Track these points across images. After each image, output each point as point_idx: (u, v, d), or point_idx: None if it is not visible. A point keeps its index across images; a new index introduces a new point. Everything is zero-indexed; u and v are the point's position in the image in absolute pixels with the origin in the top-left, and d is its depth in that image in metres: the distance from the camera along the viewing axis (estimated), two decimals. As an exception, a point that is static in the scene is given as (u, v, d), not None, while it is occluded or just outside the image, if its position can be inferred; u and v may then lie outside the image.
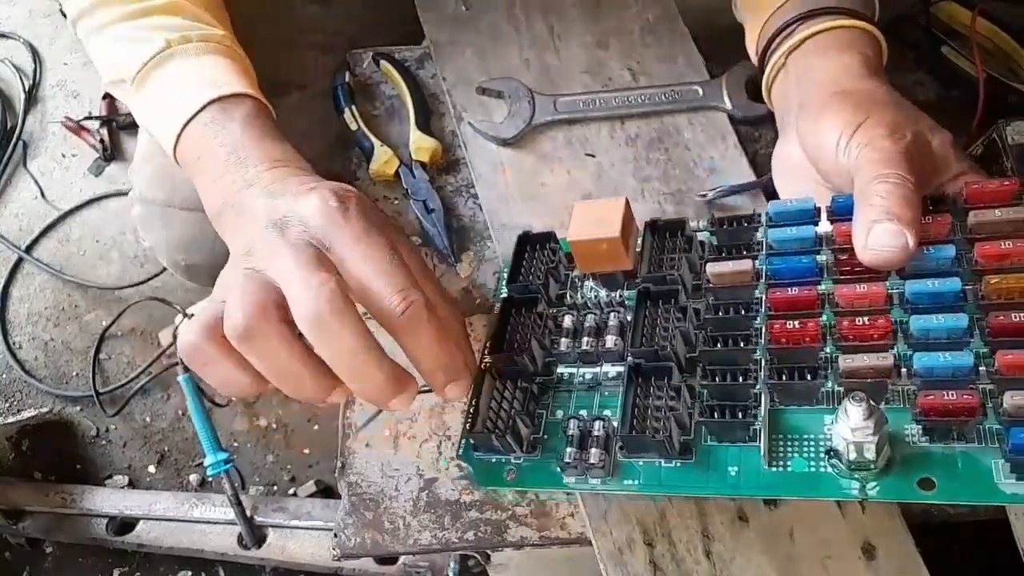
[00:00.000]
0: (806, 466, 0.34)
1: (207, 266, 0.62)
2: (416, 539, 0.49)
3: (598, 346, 0.40)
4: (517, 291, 0.42)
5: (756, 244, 0.41)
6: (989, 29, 0.61)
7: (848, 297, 0.35)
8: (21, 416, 1.15)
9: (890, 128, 0.36)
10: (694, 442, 0.36)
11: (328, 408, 0.42)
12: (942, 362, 0.32)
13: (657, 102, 0.58)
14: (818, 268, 0.37)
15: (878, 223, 0.33)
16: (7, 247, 1.28)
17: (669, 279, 0.39)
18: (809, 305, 0.36)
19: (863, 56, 0.43)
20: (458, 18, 0.63)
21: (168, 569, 1.08)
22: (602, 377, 0.40)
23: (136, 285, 1.21)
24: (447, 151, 0.60)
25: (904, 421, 0.33)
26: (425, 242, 0.57)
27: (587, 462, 0.36)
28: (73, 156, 1.38)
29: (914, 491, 0.32)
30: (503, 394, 0.39)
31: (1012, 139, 0.49)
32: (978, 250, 0.35)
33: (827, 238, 0.39)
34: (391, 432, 0.52)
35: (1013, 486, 0.30)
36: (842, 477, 0.33)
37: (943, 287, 0.33)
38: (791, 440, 0.35)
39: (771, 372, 0.35)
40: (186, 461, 1.14)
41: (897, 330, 0.34)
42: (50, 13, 1.48)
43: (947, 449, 0.32)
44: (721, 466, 0.35)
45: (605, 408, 0.39)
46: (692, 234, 0.42)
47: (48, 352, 1.22)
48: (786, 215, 0.39)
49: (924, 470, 0.32)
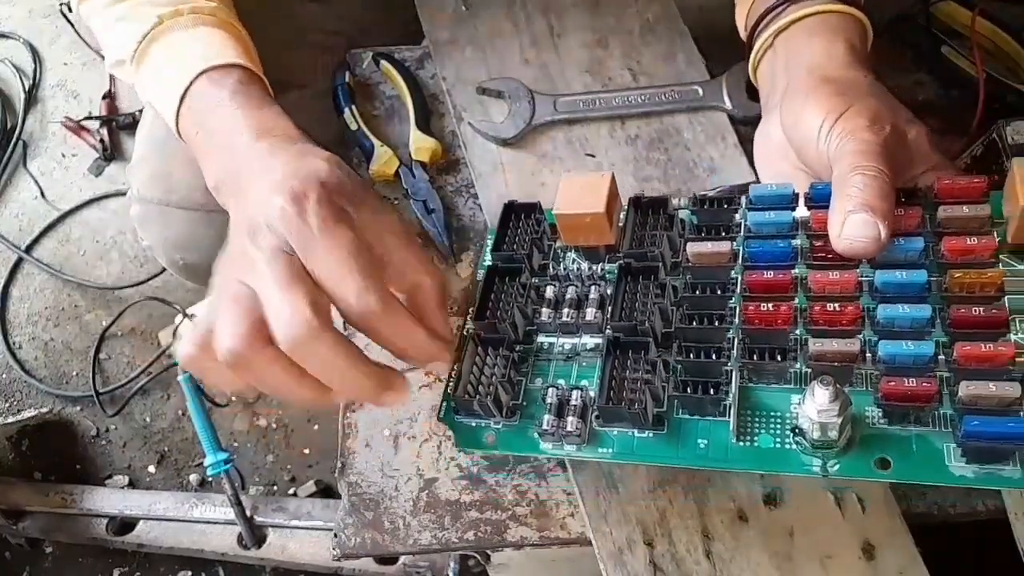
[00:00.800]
0: (772, 442, 0.35)
1: (205, 265, 0.62)
2: (416, 539, 0.49)
3: (578, 318, 0.41)
4: (502, 259, 0.43)
5: (735, 226, 0.41)
6: (989, 29, 0.61)
7: (821, 283, 0.36)
8: (21, 416, 1.16)
9: (871, 119, 0.37)
10: (667, 414, 0.37)
11: (328, 407, 0.43)
12: (904, 350, 0.33)
13: (657, 102, 0.58)
14: (794, 253, 0.38)
15: (853, 213, 0.34)
16: (7, 247, 1.28)
17: (650, 256, 0.40)
18: (783, 288, 0.37)
19: (849, 44, 0.43)
20: (458, 18, 0.63)
21: (168, 569, 1.08)
22: (581, 348, 0.41)
23: (136, 285, 1.21)
24: (447, 151, 0.60)
25: (866, 403, 0.35)
26: (425, 242, 0.57)
27: (564, 430, 0.37)
28: (73, 156, 1.38)
29: (871, 470, 0.34)
30: (485, 360, 0.40)
31: (1012, 139, 0.49)
32: (945, 244, 0.36)
33: (804, 224, 0.39)
34: (391, 432, 0.52)
35: (962, 469, 0.32)
36: (805, 454, 0.35)
37: (910, 278, 0.35)
38: (759, 417, 0.36)
39: (743, 351, 0.37)
40: (186, 461, 1.14)
41: (865, 317, 0.35)
42: (50, 13, 1.48)
43: (904, 431, 0.34)
44: (691, 439, 0.37)
45: (583, 378, 0.40)
46: (674, 212, 0.42)
47: (48, 352, 1.22)
48: (766, 199, 0.40)
49: (882, 450, 0.34)
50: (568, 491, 0.49)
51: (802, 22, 0.45)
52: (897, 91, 0.55)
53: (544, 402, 0.39)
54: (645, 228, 0.42)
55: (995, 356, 0.32)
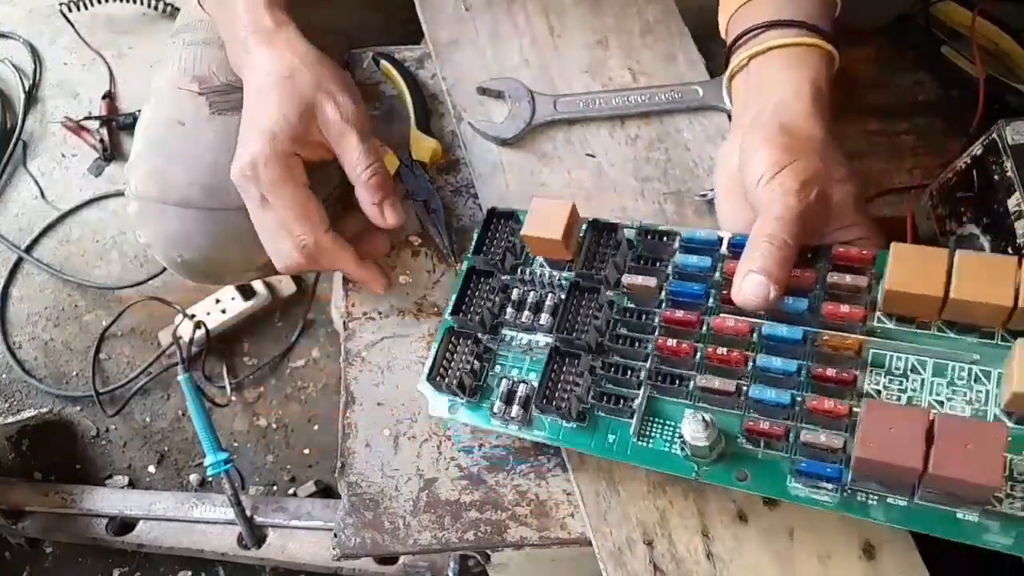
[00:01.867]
0: (663, 445, 0.44)
1: (203, 262, 0.62)
2: (416, 539, 0.49)
3: (534, 320, 0.48)
4: (480, 263, 0.50)
5: (668, 258, 0.48)
6: (989, 29, 0.61)
7: (720, 327, 0.44)
8: (21, 416, 1.15)
9: (803, 182, 0.42)
10: (589, 411, 0.45)
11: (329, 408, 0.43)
12: (768, 396, 0.41)
13: (657, 102, 0.58)
14: (707, 295, 0.46)
15: (753, 274, 0.41)
16: (7, 247, 1.28)
17: (596, 277, 0.47)
18: (691, 326, 0.45)
19: (815, 86, 0.47)
20: (458, 18, 0.63)
21: (168, 569, 1.07)
22: (534, 344, 0.48)
23: (136, 285, 1.21)
24: (447, 151, 0.60)
25: (738, 426, 0.43)
26: (425, 242, 0.57)
27: (509, 415, 0.46)
28: (73, 156, 1.38)
29: (732, 479, 0.42)
30: (456, 347, 0.49)
31: (1012, 139, 0.49)
32: (825, 307, 0.43)
33: (721, 268, 0.46)
34: (391, 432, 0.52)
35: (797, 489, 0.41)
36: (687, 459, 0.43)
37: (790, 334, 0.42)
38: (657, 423, 0.44)
39: (651, 372, 0.45)
40: (186, 461, 1.14)
41: (750, 360, 0.43)
42: (50, 13, 1.48)
43: (763, 455, 0.42)
44: (603, 433, 0.45)
45: (532, 371, 0.48)
46: (623, 239, 0.48)
47: (48, 352, 1.22)
48: (695, 242, 0.47)
49: (742, 466, 0.42)
50: (568, 491, 0.49)
51: (777, 52, 0.49)
52: (897, 91, 0.56)
53: (497, 389, 0.47)
54: (598, 247, 0.49)
55: (834, 411, 0.40)
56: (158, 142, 0.61)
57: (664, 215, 0.55)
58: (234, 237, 0.59)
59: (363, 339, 0.55)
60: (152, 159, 0.61)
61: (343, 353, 0.55)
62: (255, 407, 1.17)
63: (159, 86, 0.62)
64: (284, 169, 0.49)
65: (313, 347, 1.20)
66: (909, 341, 0.42)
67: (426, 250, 0.57)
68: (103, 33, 1.48)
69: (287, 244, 0.51)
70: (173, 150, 0.60)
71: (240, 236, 0.58)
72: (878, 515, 0.39)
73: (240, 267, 0.65)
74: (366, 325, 0.55)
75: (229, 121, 0.60)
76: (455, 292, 0.50)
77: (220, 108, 0.60)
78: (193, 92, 0.60)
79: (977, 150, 0.52)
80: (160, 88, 0.62)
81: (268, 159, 0.49)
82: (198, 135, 0.59)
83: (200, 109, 0.60)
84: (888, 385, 0.42)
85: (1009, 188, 0.49)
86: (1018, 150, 0.49)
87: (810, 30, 0.49)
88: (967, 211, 0.54)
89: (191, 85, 0.60)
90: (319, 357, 1.19)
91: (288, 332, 1.20)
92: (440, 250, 0.57)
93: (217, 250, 0.61)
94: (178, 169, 0.59)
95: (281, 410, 1.16)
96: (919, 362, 0.42)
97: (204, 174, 0.58)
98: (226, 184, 0.52)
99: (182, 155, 0.59)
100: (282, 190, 0.49)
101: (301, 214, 0.50)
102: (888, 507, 0.39)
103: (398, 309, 0.56)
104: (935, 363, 0.41)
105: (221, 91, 0.60)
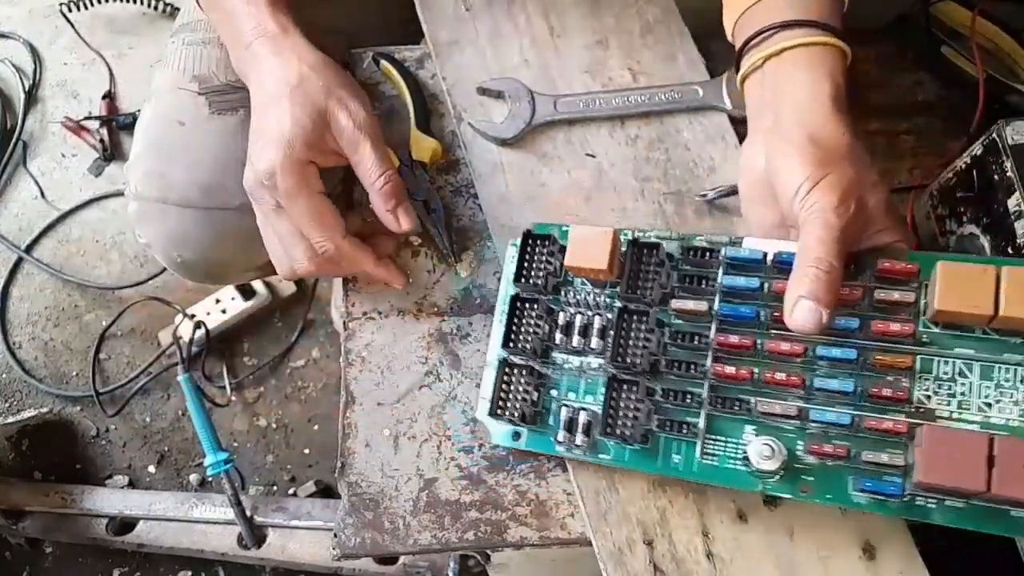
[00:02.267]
0: (728, 462, 0.45)
1: (202, 262, 0.62)
2: (416, 539, 0.49)
3: (585, 344, 0.48)
4: (523, 290, 0.50)
5: (713, 276, 0.48)
6: (989, 29, 0.61)
7: (775, 350, 0.45)
8: (21, 416, 1.15)
9: (841, 197, 0.43)
10: (651, 434, 0.46)
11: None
12: (828, 417, 0.43)
13: (657, 102, 0.58)
14: (757, 316, 0.46)
15: (804, 299, 0.42)
16: (7, 247, 1.28)
17: (643, 300, 0.48)
18: (746, 350, 0.46)
19: (834, 83, 0.47)
20: (458, 18, 0.63)
21: (168, 569, 1.08)
22: (587, 366, 0.49)
23: (136, 285, 1.21)
24: (447, 151, 0.60)
25: (799, 442, 0.44)
26: (425, 242, 0.57)
27: (574, 443, 0.47)
28: (73, 156, 1.38)
29: (797, 493, 0.44)
30: (511, 377, 0.50)
31: (1012, 139, 0.49)
32: (874, 325, 0.44)
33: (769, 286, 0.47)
34: (391, 432, 0.52)
35: (859, 498, 0.43)
36: (751, 475, 0.44)
37: (843, 354, 0.44)
38: (720, 442, 0.45)
39: (711, 398, 0.46)
40: (186, 461, 1.14)
41: (807, 381, 0.45)
42: (50, 14, 1.48)
43: (824, 467, 0.44)
44: (668, 454, 0.46)
45: (588, 394, 0.48)
46: (664, 257, 0.48)
47: (48, 352, 1.22)
48: (739, 260, 0.47)
49: (806, 478, 0.44)
50: (568, 491, 0.49)
51: (793, 52, 0.48)
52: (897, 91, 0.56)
53: (558, 417, 0.48)
54: (640, 265, 0.49)
55: (893, 430, 0.42)
56: (158, 142, 0.61)
57: (664, 215, 0.55)
58: (233, 237, 0.59)
59: (363, 339, 0.55)
60: (152, 159, 0.61)
61: (343, 353, 0.55)
62: (255, 407, 1.17)
63: (159, 86, 0.62)
64: (301, 177, 0.49)
65: (313, 347, 1.20)
66: (956, 348, 0.43)
67: (426, 250, 0.57)
68: (103, 33, 1.48)
69: (299, 250, 0.51)
70: (173, 150, 0.60)
71: (239, 236, 0.58)
72: (937, 518, 0.41)
73: (240, 267, 0.65)
74: (366, 325, 0.55)
75: (229, 121, 0.60)
76: (502, 323, 0.50)
77: (220, 108, 0.60)
78: (193, 92, 0.60)
79: (977, 150, 0.52)
80: (160, 88, 0.62)
81: (285, 167, 0.49)
82: (198, 135, 0.59)
83: (200, 109, 0.60)
84: (937, 391, 0.43)
85: (1009, 188, 0.49)
86: (1018, 150, 0.49)
87: (823, 29, 0.48)
88: (967, 211, 0.54)
89: (191, 85, 0.60)
90: (319, 357, 1.20)
91: (288, 332, 1.20)
92: (440, 250, 0.57)
93: (216, 250, 0.61)
94: (177, 169, 0.59)
95: (281, 410, 1.16)
96: (966, 366, 0.43)
97: (203, 174, 0.58)
98: (225, 184, 0.52)
99: (182, 155, 0.59)
100: (299, 198, 0.49)
101: (319, 221, 0.50)
102: (946, 510, 0.41)
103: (398, 309, 0.56)
104: (982, 366, 0.42)
105: (220, 91, 0.60)
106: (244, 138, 0.51)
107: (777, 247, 0.46)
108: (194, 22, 0.63)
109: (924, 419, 0.42)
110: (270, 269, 0.55)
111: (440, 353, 0.54)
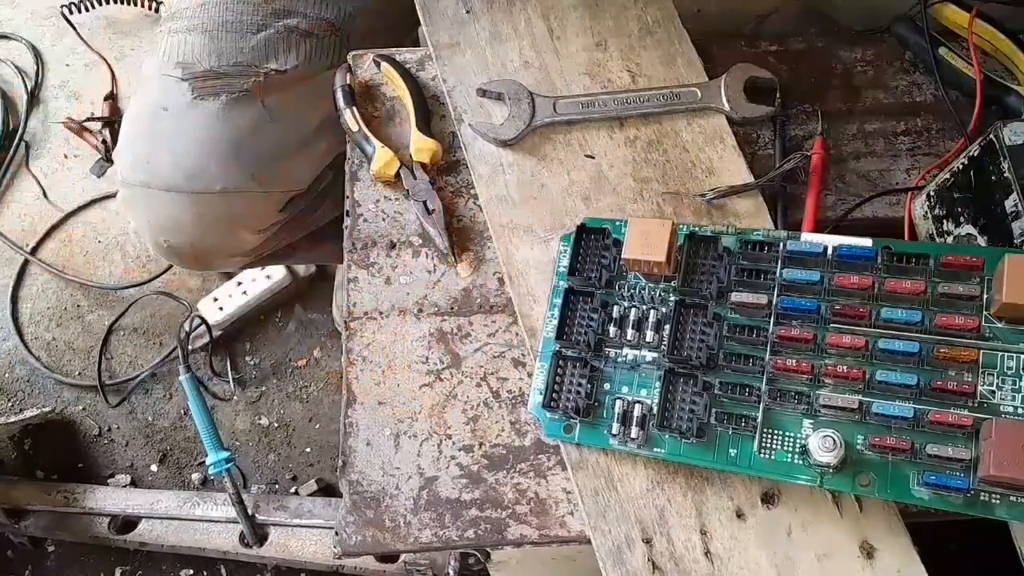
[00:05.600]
0: (786, 457, 0.45)
1: (188, 247, 0.62)
2: (417, 537, 0.49)
3: (640, 338, 0.49)
4: (577, 283, 0.51)
5: (772, 270, 0.48)
6: (987, 31, 0.61)
7: (837, 343, 0.45)
8: (24, 415, 1.16)
9: None
10: (707, 427, 0.46)
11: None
12: (891, 410, 0.43)
13: (656, 104, 0.59)
14: (818, 309, 0.46)
15: None
16: (11, 248, 1.29)
17: (700, 294, 0.48)
18: (806, 343, 0.45)
19: None
20: (459, 20, 0.64)
21: (170, 568, 1.08)
22: (640, 360, 0.49)
23: (138, 285, 1.22)
24: (447, 152, 0.60)
25: (859, 435, 0.44)
26: (425, 242, 0.58)
27: (629, 436, 0.47)
28: (75, 157, 1.38)
29: (856, 487, 0.43)
30: (564, 370, 0.50)
31: (1009, 140, 0.49)
32: (938, 319, 0.44)
33: (829, 280, 0.46)
34: (392, 431, 0.53)
35: (921, 493, 0.42)
36: (809, 468, 0.44)
37: (906, 347, 0.43)
38: (777, 435, 0.45)
39: (769, 391, 0.46)
40: (188, 460, 1.15)
41: (868, 374, 0.44)
42: (52, 15, 1.49)
43: (884, 461, 0.43)
44: (725, 448, 0.46)
45: (642, 387, 0.48)
46: (722, 250, 0.49)
47: (51, 352, 1.23)
48: (799, 254, 0.47)
49: (866, 472, 0.43)
50: (568, 489, 0.50)
51: None
52: (895, 92, 0.56)
53: (612, 410, 0.48)
54: (697, 260, 0.49)
55: (959, 423, 0.41)
56: (143, 128, 0.61)
57: (663, 216, 0.56)
58: (216, 220, 0.59)
59: (364, 339, 0.55)
60: (138, 145, 0.61)
61: (344, 352, 0.55)
62: (257, 406, 1.17)
63: (146, 74, 0.63)
64: None
65: (315, 347, 1.21)
66: (1021, 343, 0.43)
67: (426, 250, 0.58)
68: (104, 35, 1.48)
69: None
70: (157, 135, 0.60)
71: (223, 220, 0.58)
72: (1002, 513, 0.41)
73: (226, 251, 0.65)
74: (367, 325, 0.56)
75: (211, 105, 0.59)
76: (555, 315, 0.50)
77: (202, 93, 0.59)
78: (176, 78, 0.60)
79: (974, 151, 0.52)
80: (147, 76, 0.63)
81: None
82: (181, 120, 0.59)
83: (183, 94, 0.60)
84: (1001, 385, 0.42)
85: (1006, 189, 0.49)
86: (1015, 151, 0.49)
87: None
88: (964, 211, 0.54)
89: (175, 71, 0.60)
90: (320, 356, 1.20)
91: (290, 331, 1.21)
92: (440, 250, 0.57)
93: (202, 234, 0.61)
94: (162, 154, 0.59)
95: (283, 409, 1.17)
96: None
97: (187, 158, 0.58)
98: (209, 167, 0.51)
99: (166, 140, 0.59)
100: None
101: None
102: (1012, 505, 0.41)
103: (399, 309, 0.56)
104: None
105: (203, 76, 0.60)
106: (226, 122, 0.51)
107: (837, 240, 0.46)
108: (180, 11, 0.64)
109: (989, 414, 0.42)
110: (258, 256, 0.55)
111: (440, 353, 0.54)
